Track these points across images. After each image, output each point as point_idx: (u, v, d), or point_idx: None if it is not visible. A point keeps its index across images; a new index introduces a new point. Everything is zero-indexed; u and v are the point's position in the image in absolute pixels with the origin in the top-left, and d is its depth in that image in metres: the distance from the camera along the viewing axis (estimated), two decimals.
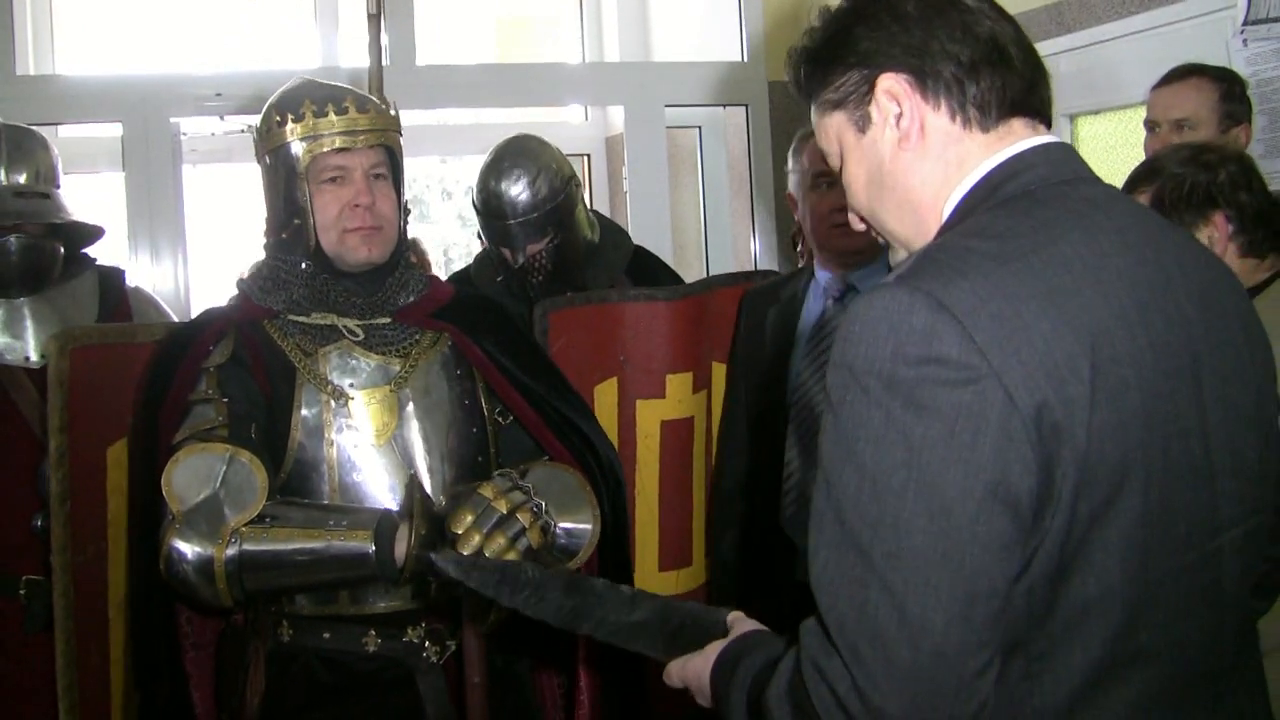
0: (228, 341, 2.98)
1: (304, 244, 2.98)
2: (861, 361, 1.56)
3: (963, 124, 1.79)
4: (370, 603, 2.93)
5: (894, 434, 1.52)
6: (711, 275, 5.09)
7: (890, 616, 1.50)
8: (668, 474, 3.81)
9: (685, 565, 3.90)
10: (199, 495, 2.77)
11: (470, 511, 2.68)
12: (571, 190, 4.13)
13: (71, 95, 6.41)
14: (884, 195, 1.86)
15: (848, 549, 1.54)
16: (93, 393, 3.23)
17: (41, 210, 3.89)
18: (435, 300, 3.16)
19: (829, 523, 1.58)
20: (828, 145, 1.93)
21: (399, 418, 2.98)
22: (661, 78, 7.39)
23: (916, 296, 1.55)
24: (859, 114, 1.84)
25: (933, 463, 1.51)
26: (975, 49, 1.78)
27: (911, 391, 1.52)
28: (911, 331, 1.54)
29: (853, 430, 1.56)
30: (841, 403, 1.58)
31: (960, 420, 1.51)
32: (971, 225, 1.71)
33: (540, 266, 4.04)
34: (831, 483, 1.58)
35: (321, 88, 3.02)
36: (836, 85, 1.85)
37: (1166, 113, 3.98)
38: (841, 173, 1.92)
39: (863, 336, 1.57)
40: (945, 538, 1.50)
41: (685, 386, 3.79)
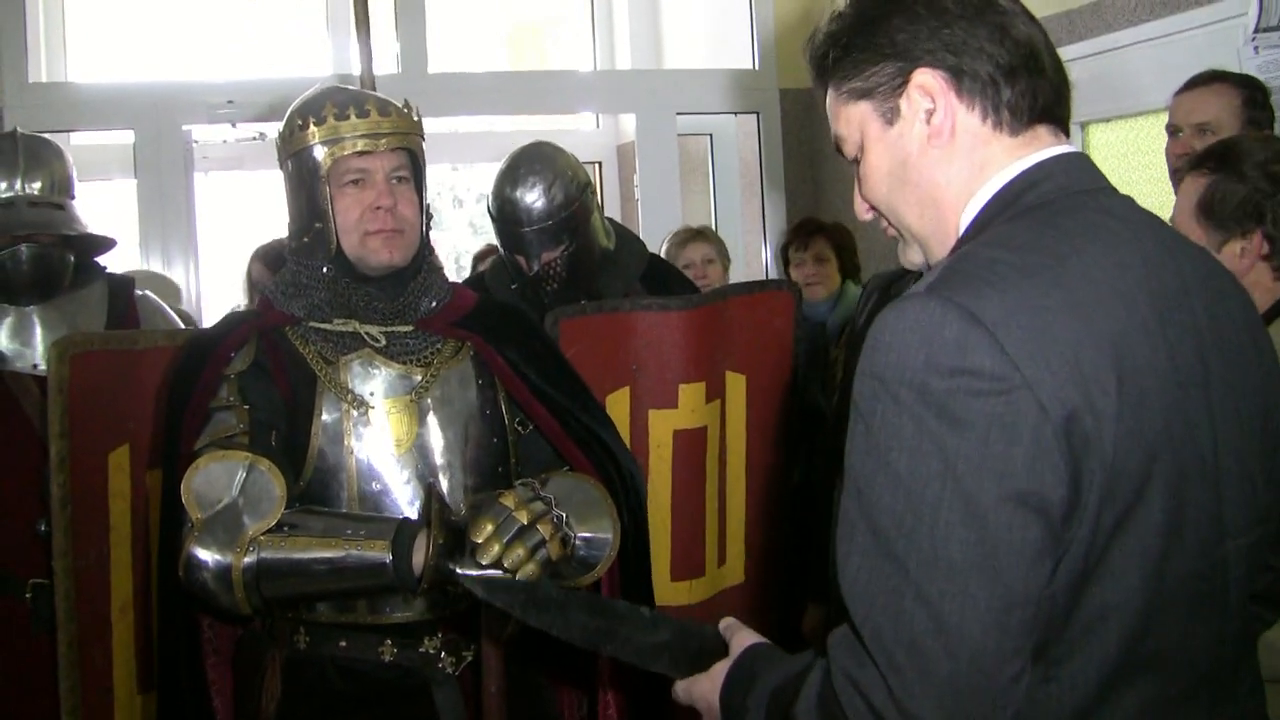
0: (249, 348, 2.98)
1: (326, 247, 2.97)
2: (892, 371, 1.56)
3: (993, 126, 1.78)
4: (387, 612, 2.92)
5: (928, 444, 1.53)
6: (725, 284, 5.08)
7: (927, 626, 1.50)
8: (680, 484, 3.80)
9: (698, 575, 3.89)
10: (218, 503, 2.77)
11: (491, 521, 2.64)
12: (587, 198, 4.11)
13: (84, 102, 6.44)
14: (905, 190, 1.84)
15: (882, 558, 1.55)
16: (94, 398, 3.24)
17: (55, 222, 3.90)
18: (458, 308, 3.14)
19: (861, 532, 1.58)
20: (846, 132, 1.90)
21: (420, 427, 2.96)
22: (673, 85, 7.41)
23: (948, 307, 1.55)
24: (888, 106, 1.82)
25: (968, 473, 1.51)
26: (1013, 52, 1.77)
27: (944, 402, 1.52)
28: (944, 343, 1.54)
29: (884, 440, 1.56)
30: (872, 412, 1.58)
31: (994, 430, 1.51)
32: (995, 236, 1.71)
33: (555, 274, 4.01)
34: (863, 491, 1.58)
35: (344, 92, 3.02)
36: (867, 74, 1.82)
37: (1189, 117, 3.97)
38: (858, 162, 1.90)
39: (893, 346, 1.57)
40: (981, 546, 1.50)
41: (698, 396, 3.78)
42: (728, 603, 3.97)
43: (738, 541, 4.02)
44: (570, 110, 8.30)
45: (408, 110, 3.06)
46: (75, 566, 3.21)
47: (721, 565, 3.98)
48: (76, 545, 3.21)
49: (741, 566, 4.04)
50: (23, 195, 3.87)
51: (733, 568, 4.03)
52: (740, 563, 4.04)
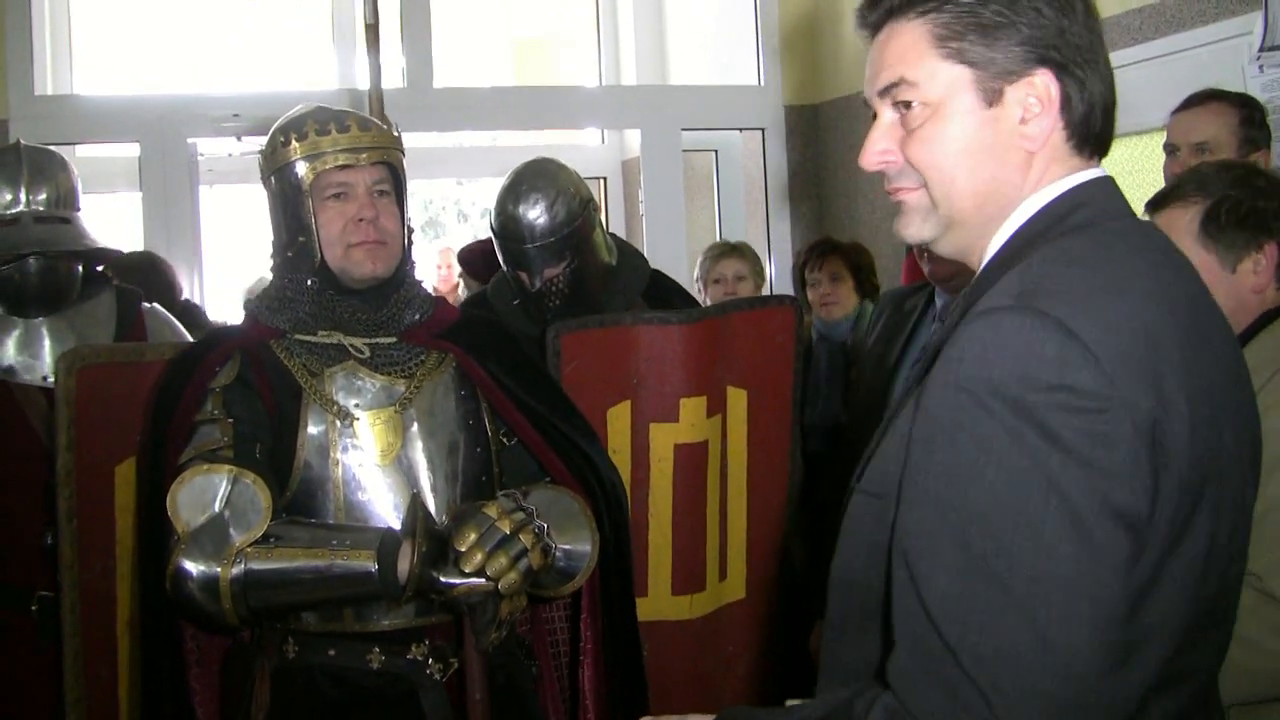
0: (234, 362, 3.01)
1: (310, 261, 3.00)
2: (984, 385, 1.54)
3: (1068, 141, 1.76)
4: (374, 620, 2.93)
5: (1028, 460, 1.51)
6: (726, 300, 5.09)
7: (1033, 644, 1.48)
8: (681, 498, 3.79)
9: (698, 590, 3.89)
10: (204, 516, 2.79)
11: (474, 529, 2.70)
12: (589, 214, 4.10)
13: (89, 115, 6.45)
14: (975, 170, 1.76)
15: (978, 577, 1.52)
16: (101, 411, 3.25)
17: (61, 237, 3.89)
18: (441, 321, 3.17)
19: (948, 549, 1.55)
20: (925, 84, 1.76)
21: (404, 438, 2.99)
22: (678, 101, 7.42)
23: (1047, 323, 1.54)
24: (993, 86, 1.73)
25: (1072, 488, 1.49)
26: (1108, 90, 1.77)
27: (1043, 418, 1.51)
28: (1043, 358, 1.52)
29: (976, 454, 1.54)
30: (958, 426, 1.56)
31: (1095, 448, 1.50)
32: (1061, 253, 1.68)
33: (557, 291, 4.01)
34: (952, 508, 1.55)
35: (325, 110, 3.06)
36: (988, 44, 1.72)
37: (1187, 136, 3.97)
38: (919, 122, 1.78)
39: (986, 360, 1.56)
40: (1086, 563, 1.49)
41: (699, 410, 3.78)
42: (728, 618, 3.97)
43: (739, 557, 4.01)
44: (575, 126, 8.31)
45: (388, 126, 3.10)
46: (81, 579, 3.23)
47: (723, 580, 3.97)
48: (83, 558, 3.22)
49: (742, 582, 4.03)
50: (28, 210, 3.86)
51: (733, 583, 4.02)
52: (741, 578, 4.03)
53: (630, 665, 3.25)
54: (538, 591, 2.97)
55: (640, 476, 3.72)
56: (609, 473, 3.23)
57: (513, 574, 2.69)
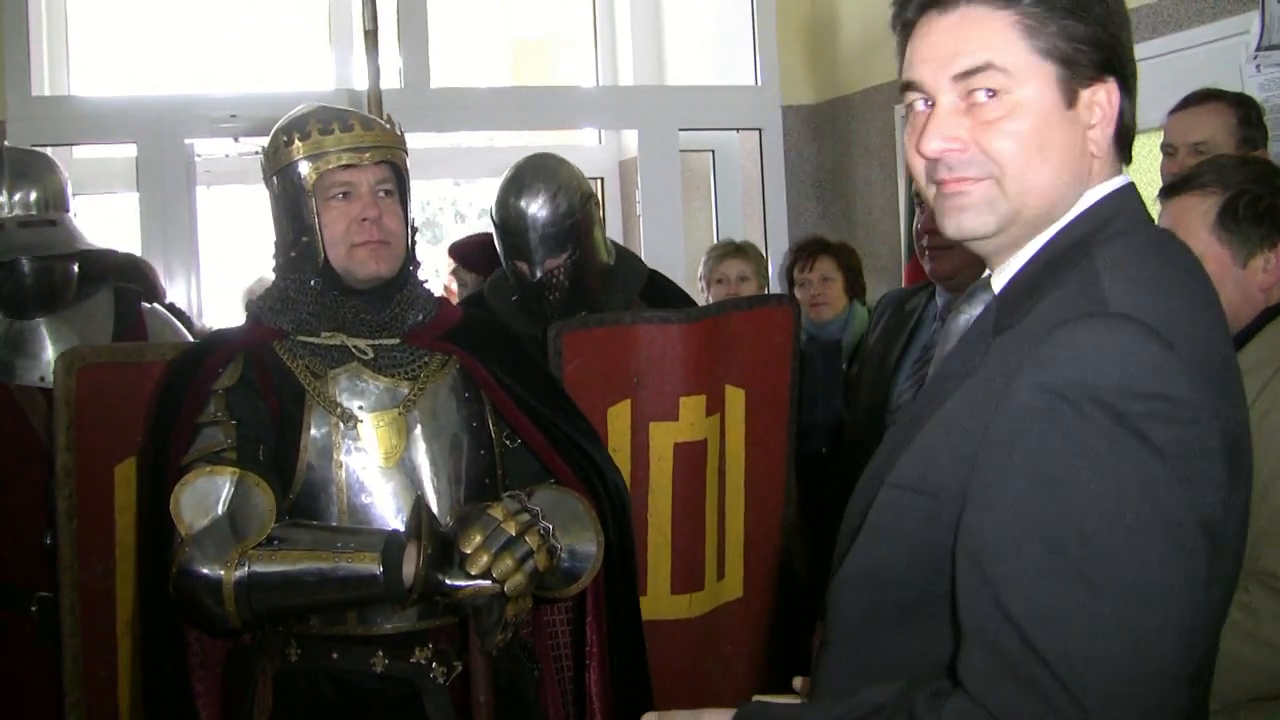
0: (237, 364, 3.00)
1: (313, 261, 2.99)
2: (1081, 389, 1.53)
3: (1114, 144, 1.78)
4: (378, 624, 2.93)
5: (1126, 467, 1.51)
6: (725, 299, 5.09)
7: (1127, 651, 1.49)
8: (680, 497, 3.80)
9: (697, 589, 3.89)
10: (207, 518, 2.79)
11: (479, 531, 2.69)
12: (590, 209, 4.13)
13: (87, 116, 6.45)
14: (1052, 171, 1.74)
15: (1070, 581, 1.51)
16: (100, 411, 3.25)
17: (47, 241, 3.86)
18: (444, 323, 3.17)
19: (1035, 552, 1.53)
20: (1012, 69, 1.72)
21: (407, 440, 2.99)
22: (675, 102, 7.42)
23: (1144, 331, 1.55)
24: (1071, 87, 1.73)
25: (1169, 499, 1.50)
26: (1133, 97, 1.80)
27: (1141, 426, 1.51)
28: (1142, 366, 1.53)
29: (1071, 459, 1.53)
30: (1051, 429, 1.55)
31: (1186, 457, 1.51)
32: (1128, 258, 1.69)
33: (557, 283, 4.02)
34: (1043, 511, 1.54)
35: (327, 110, 3.05)
36: (1077, 46, 1.72)
37: (1184, 136, 3.98)
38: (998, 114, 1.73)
39: (1083, 364, 1.55)
40: (1178, 574, 1.50)
41: (699, 409, 3.79)
42: (726, 617, 3.97)
43: (736, 556, 4.01)
44: (573, 126, 8.31)
45: (391, 125, 3.09)
46: (81, 580, 3.23)
47: (721, 580, 3.98)
48: (82, 559, 3.23)
49: (740, 582, 4.04)
50: (12, 216, 3.83)
51: (731, 583, 4.02)
52: (739, 578, 4.03)
53: (636, 668, 3.26)
54: (542, 593, 2.97)
55: (640, 475, 3.72)
56: (613, 475, 3.23)
57: (519, 576, 2.68)
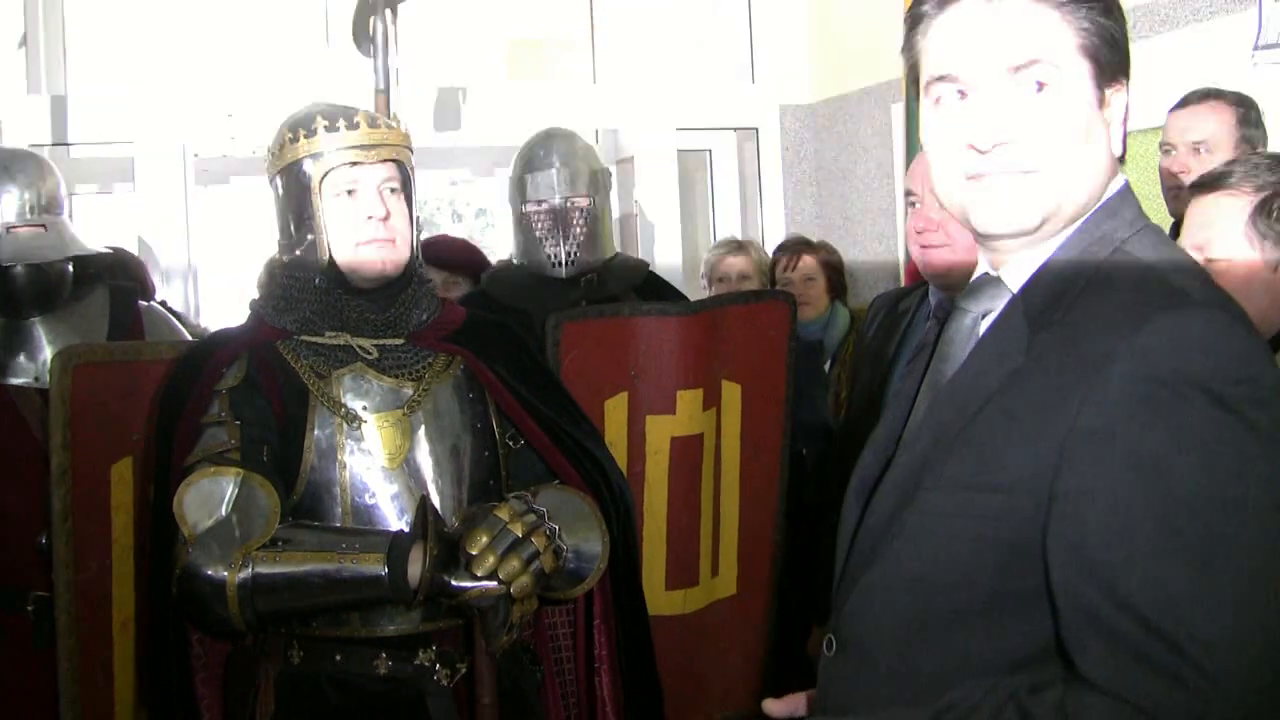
0: (241, 363, 2.99)
1: (317, 259, 2.98)
2: (1179, 376, 1.57)
3: (1114, 149, 1.83)
4: (381, 625, 2.92)
5: (1228, 447, 1.55)
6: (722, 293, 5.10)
7: (1255, 633, 1.52)
8: (676, 492, 3.81)
9: (692, 585, 3.89)
10: (211, 518, 2.78)
11: (486, 532, 2.68)
12: (605, 175, 4.33)
13: (84, 115, 6.43)
14: (1092, 166, 1.79)
15: (1187, 562, 1.53)
16: (97, 410, 3.24)
17: (38, 247, 3.85)
18: (448, 322, 3.16)
19: (1150, 539, 1.55)
20: (1066, 69, 1.76)
21: (411, 441, 2.98)
22: (672, 101, 7.40)
23: (1232, 318, 1.62)
24: (1104, 87, 1.79)
25: (1272, 475, 1.54)
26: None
27: (1239, 408, 1.55)
28: (1234, 351, 1.59)
29: (1177, 442, 1.55)
30: (1154, 416, 1.57)
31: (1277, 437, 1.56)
32: (1161, 251, 1.77)
33: (578, 220, 4.13)
34: (1156, 495, 1.55)
35: (333, 107, 3.03)
36: (1109, 49, 1.78)
37: (1184, 135, 3.98)
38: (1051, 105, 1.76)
39: (1176, 351, 1.58)
40: None
41: (695, 403, 3.79)
42: (719, 614, 3.98)
43: (730, 553, 4.02)
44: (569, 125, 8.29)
45: (397, 123, 3.07)
46: (77, 580, 3.22)
47: (715, 576, 3.99)
48: (78, 559, 3.22)
49: (734, 578, 4.05)
50: (2, 221, 3.82)
51: (725, 579, 4.03)
52: (732, 575, 4.04)
53: (644, 669, 3.25)
54: (548, 594, 2.96)
55: (637, 470, 3.73)
56: (617, 477, 3.22)
57: (525, 577, 2.68)
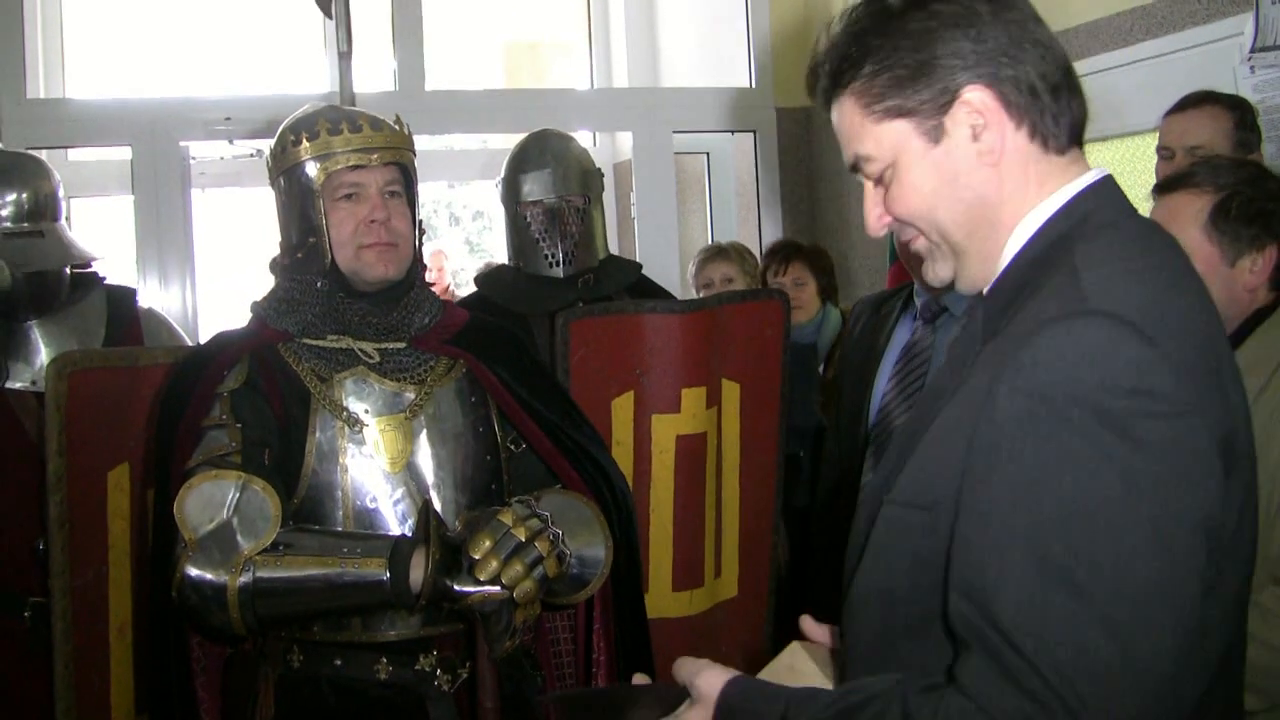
0: (242, 366, 2.98)
1: (319, 262, 2.98)
2: (1061, 391, 1.51)
3: (1040, 144, 1.75)
4: (382, 630, 2.91)
5: (1107, 466, 1.48)
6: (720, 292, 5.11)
7: (1117, 656, 1.45)
8: (681, 492, 3.81)
9: (697, 586, 3.89)
10: (212, 523, 2.77)
11: (489, 537, 2.67)
12: (598, 177, 4.31)
13: (81, 118, 6.44)
14: (951, 205, 1.78)
15: (1056, 587, 1.48)
16: (93, 416, 3.23)
17: (35, 255, 3.84)
18: (450, 326, 3.16)
19: (1020, 558, 1.51)
20: (874, 152, 1.81)
21: (413, 445, 2.97)
22: (670, 104, 7.41)
23: (1123, 327, 1.53)
24: (932, 124, 1.75)
25: (1154, 497, 1.47)
26: (1057, 70, 1.75)
27: (1124, 423, 1.49)
28: (1124, 362, 1.50)
29: (1051, 461, 1.51)
30: (1033, 433, 1.52)
31: (1175, 453, 1.49)
32: (1110, 254, 1.67)
33: (573, 219, 4.16)
34: (1028, 516, 1.51)
35: (336, 110, 3.04)
36: (913, 93, 1.75)
37: (1181, 139, 3.97)
38: (889, 181, 1.82)
39: (1063, 366, 1.53)
40: (1169, 573, 1.47)
41: (699, 401, 3.80)
42: (722, 617, 3.98)
43: (732, 555, 4.02)
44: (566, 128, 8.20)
45: (399, 126, 3.07)
46: (73, 586, 3.20)
47: (717, 577, 3.98)
48: (74, 565, 3.20)
49: (735, 580, 4.05)
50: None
51: (727, 581, 4.03)
52: (734, 576, 4.04)
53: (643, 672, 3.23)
54: (551, 599, 2.96)
55: (643, 469, 3.74)
56: (619, 481, 3.22)
57: (528, 582, 2.67)
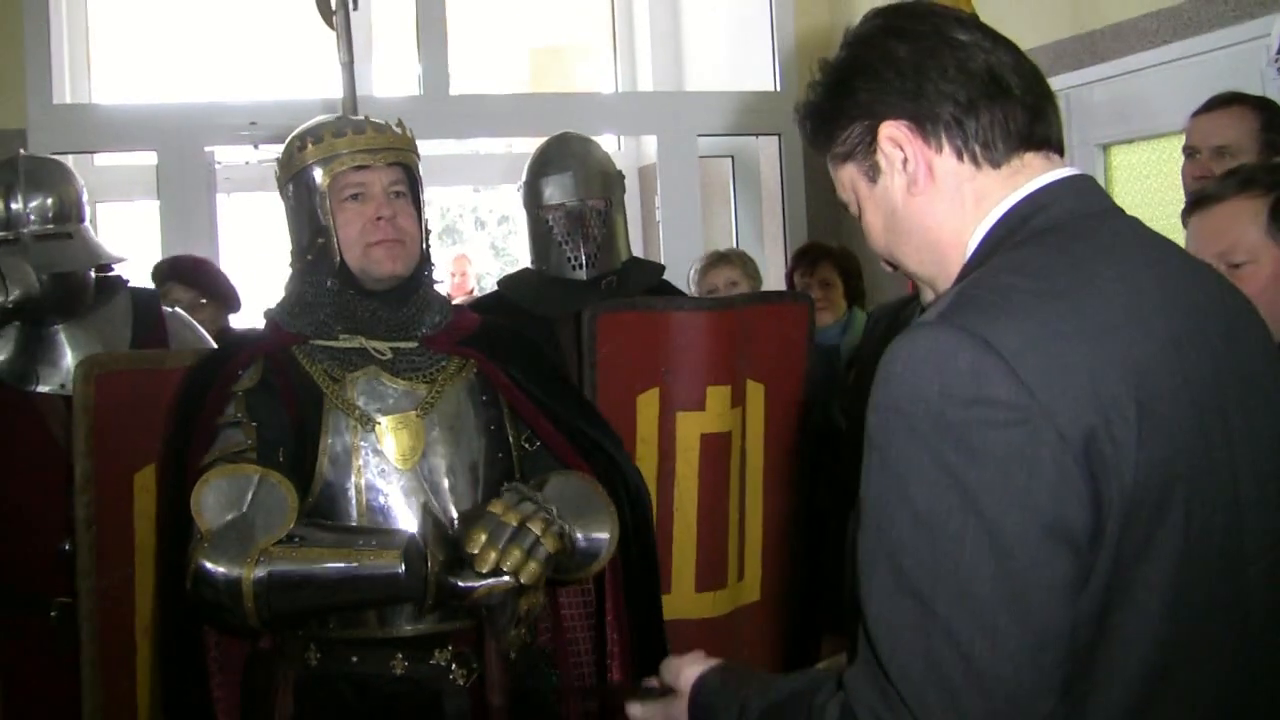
0: (257, 367, 3.01)
1: (329, 263, 3.02)
2: (907, 402, 1.54)
3: (971, 162, 1.77)
4: (398, 626, 2.93)
5: (947, 478, 1.50)
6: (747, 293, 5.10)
7: (957, 666, 1.47)
8: (705, 491, 3.81)
9: (720, 587, 3.89)
10: (228, 515, 2.79)
11: (482, 530, 2.71)
12: (619, 178, 4.29)
13: (107, 124, 6.47)
14: (901, 239, 1.85)
15: (905, 596, 1.52)
16: (120, 418, 3.26)
17: (63, 257, 3.86)
18: (461, 328, 3.18)
19: (881, 568, 1.55)
20: (844, 194, 1.92)
21: (425, 443, 2.99)
22: (694, 107, 7.41)
23: (961, 336, 1.53)
24: (868, 164, 1.84)
25: (990, 506, 1.48)
26: (971, 86, 1.76)
27: (962, 433, 1.50)
28: (958, 372, 1.51)
29: (902, 472, 1.53)
30: (887, 444, 1.56)
31: (1013, 461, 1.48)
32: (1006, 262, 1.69)
33: (594, 222, 4.12)
34: (882, 527, 1.55)
35: (340, 117, 3.13)
36: (842, 139, 1.85)
37: (1207, 139, 3.94)
38: (860, 219, 1.92)
39: (906, 377, 1.55)
40: (1009, 582, 1.47)
41: (724, 400, 3.80)
42: (744, 620, 3.97)
43: (754, 557, 4.02)
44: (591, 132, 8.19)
45: (402, 128, 3.13)
46: (99, 587, 3.23)
47: (740, 580, 3.98)
48: (101, 566, 3.23)
49: (758, 583, 4.04)
50: (28, 231, 3.83)
51: (750, 584, 4.03)
52: (757, 580, 4.04)
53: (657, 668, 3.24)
54: (563, 576, 2.98)
55: (667, 467, 3.75)
56: (634, 476, 3.24)
57: (531, 564, 2.70)
